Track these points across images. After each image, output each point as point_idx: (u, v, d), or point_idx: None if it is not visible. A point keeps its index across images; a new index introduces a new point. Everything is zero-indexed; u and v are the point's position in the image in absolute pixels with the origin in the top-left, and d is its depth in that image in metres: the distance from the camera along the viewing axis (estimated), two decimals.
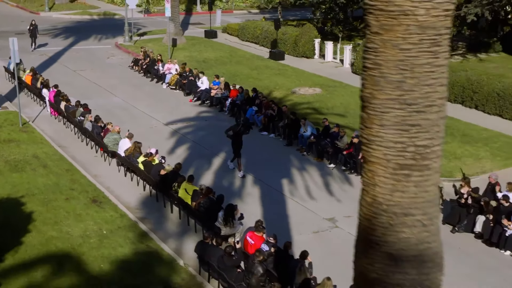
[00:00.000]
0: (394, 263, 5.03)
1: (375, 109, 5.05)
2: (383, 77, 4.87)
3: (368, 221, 5.24)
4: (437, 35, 4.70)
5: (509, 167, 21.02)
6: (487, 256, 15.91)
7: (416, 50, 4.67)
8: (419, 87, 4.80)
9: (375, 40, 4.95)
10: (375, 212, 5.16)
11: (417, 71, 4.74)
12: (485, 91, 26.26)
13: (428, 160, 5.03)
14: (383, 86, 4.89)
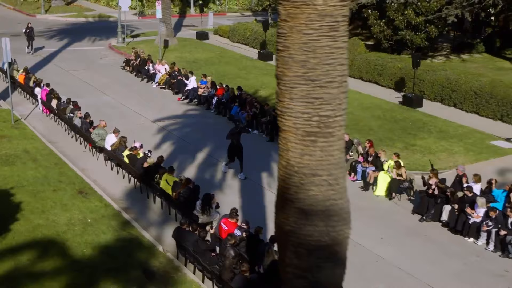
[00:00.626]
0: (305, 217, 5.86)
1: (286, 85, 5.88)
2: (291, 57, 5.70)
3: (283, 181, 6.08)
4: (335, 22, 5.52)
5: (481, 161, 21.91)
6: (451, 243, 16.76)
7: (316, 34, 5.50)
8: (320, 66, 5.64)
9: (284, 26, 5.80)
10: (289, 173, 6.00)
11: (318, 52, 5.57)
12: (463, 90, 27.14)
13: (331, 128, 5.86)
14: (291, 65, 5.73)
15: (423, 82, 28.75)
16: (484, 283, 14.87)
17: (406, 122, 25.76)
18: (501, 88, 26.05)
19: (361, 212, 18.35)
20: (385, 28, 33.69)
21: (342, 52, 5.70)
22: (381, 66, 31.05)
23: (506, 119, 25.56)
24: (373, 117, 26.40)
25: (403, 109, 27.56)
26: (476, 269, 15.50)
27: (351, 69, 32.65)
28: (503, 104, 25.62)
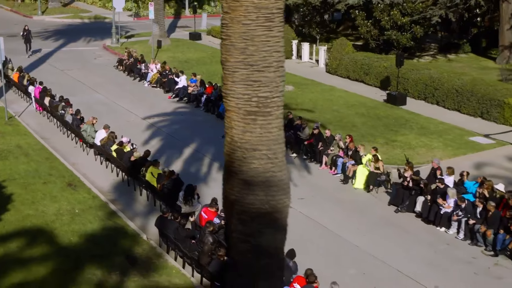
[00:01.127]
0: (247, 187, 6.57)
1: (228, 70, 6.61)
2: (232, 45, 6.42)
3: (228, 156, 6.80)
4: (270, 13, 6.23)
5: (458, 156, 22.65)
6: (424, 232, 17.48)
7: (254, 24, 6.20)
8: (258, 52, 6.35)
9: (226, 18, 6.52)
10: (233, 148, 6.72)
11: (256, 40, 6.28)
12: (445, 88, 27.89)
13: (270, 108, 6.57)
14: (233, 52, 6.45)
15: (407, 81, 29.49)
16: (452, 269, 15.58)
17: (389, 119, 26.50)
18: (482, 86, 26.80)
19: (340, 204, 19.15)
20: (372, 28, 34.47)
21: (277, 41, 6.42)
22: (368, 66, 31.80)
23: (486, 116, 26.30)
24: (357, 114, 27.14)
25: (387, 106, 28.30)
26: (446, 256, 16.21)
27: (339, 68, 33.50)
28: (483, 102, 26.35)
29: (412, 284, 14.92)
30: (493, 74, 31.83)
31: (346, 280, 14.63)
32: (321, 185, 20.53)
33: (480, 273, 15.43)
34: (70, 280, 14.31)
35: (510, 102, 25.43)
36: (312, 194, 19.72)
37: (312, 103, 28.68)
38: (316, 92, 30.66)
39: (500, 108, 25.76)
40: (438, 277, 15.16)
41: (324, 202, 19.21)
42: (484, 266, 15.75)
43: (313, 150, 22.29)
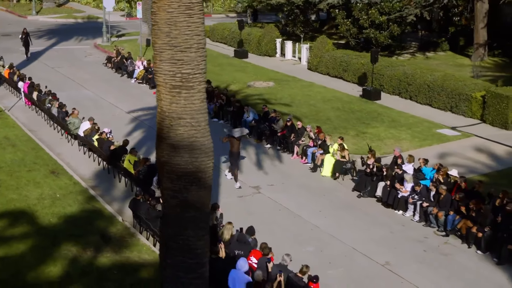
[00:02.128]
0: (174, 151, 7.72)
1: (157, 50, 7.77)
2: (159, 29, 7.57)
3: (159, 124, 7.95)
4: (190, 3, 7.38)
5: (424, 147, 23.85)
6: (382, 215, 18.67)
7: (176, 12, 7.34)
8: (180, 36, 7.50)
9: (154, 6, 7.69)
10: (162, 117, 7.88)
11: (178, 25, 7.42)
12: (417, 83, 29.08)
13: (192, 82, 7.73)
14: (160, 35, 7.60)
15: (382, 77, 30.70)
16: (404, 247, 16.76)
17: (362, 113, 27.70)
18: (452, 81, 27.99)
19: (307, 190, 20.34)
20: (351, 27, 35.70)
21: (197, 26, 7.58)
22: (346, 63, 33.00)
23: (455, 110, 27.49)
24: (332, 108, 28.34)
25: (362, 101, 29.51)
26: (399, 236, 17.41)
27: (319, 65, 34.70)
28: (453, 96, 27.55)
29: (365, 259, 16.10)
30: (467, 71, 33.04)
31: (304, 257, 15.77)
32: (291, 173, 21.71)
33: (429, 251, 16.61)
34: (47, 255, 15.51)
35: (477, 97, 26.62)
36: (282, 181, 20.91)
37: (291, 98, 29.89)
38: (295, 88, 31.85)
39: (468, 102, 26.95)
40: (390, 254, 16.34)
41: (292, 188, 20.39)
42: (434, 244, 16.93)
43: (286, 141, 23.48)
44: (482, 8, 34.32)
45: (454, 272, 15.62)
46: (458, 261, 16.19)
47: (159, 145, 7.92)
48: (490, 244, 16.38)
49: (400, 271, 15.58)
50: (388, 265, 15.84)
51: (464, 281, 15.22)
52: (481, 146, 23.98)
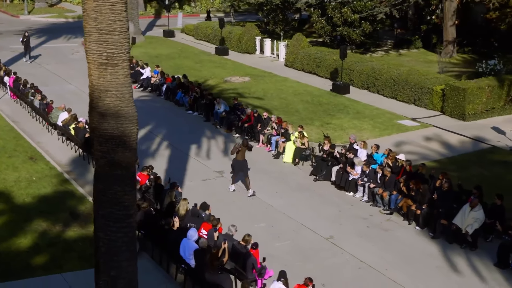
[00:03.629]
0: (102, 118, 9.16)
1: (87, 33, 9.17)
2: (88, 15, 8.98)
3: (90, 95, 9.37)
4: None
5: (383, 136, 25.33)
6: (334, 196, 20.13)
7: (101, 1, 8.75)
8: (105, 21, 8.90)
9: None
10: (92, 90, 9.30)
11: (103, 12, 8.82)
12: (384, 78, 30.57)
13: (116, 60, 9.15)
14: (88, 20, 9.01)
15: (352, 72, 32.18)
16: (349, 224, 18.23)
17: (330, 105, 29.19)
18: (415, 76, 29.47)
19: (267, 175, 21.79)
20: (325, 25, 37.19)
21: (120, 13, 9.00)
22: (319, 59, 34.48)
23: (418, 102, 28.97)
24: (301, 101, 29.82)
25: (331, 95, 30.98)
26: (347, 214, 18.88)
27: (295, 62, 36.16)
28: (416, 90, 29.03)
29: (311, 234, 17.58)
30: (435, 67, 34.49)
31: (256, 231, 17.19)
32: (255, 159, 23.11)
33: (371, 227, 18.09)
34: (19, 229, 17.01)
35: (437, 90, 28.10)
36: None
37: (264, 92, 31.37)
38: (270, 82, 33.34)
39: (429, 95, 28.43)
40: (335, 229, 17.81)
41: (254, 173, 21.74)
42: (377, 221, 18.41)
43: (253, 131, 24.96)
44: (450, 7, 35.79)
45: (391, 245, 17.10)
46: (397, 235, 17.66)
47: (90, 113, 9.37)
48: (427, 220, 17.85)
49: (342, 243, 17.06)
50: (332, 239, 17.32)
51: (399, 252, 16.69)
52: (437, 136, 25.46)
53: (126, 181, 9.35)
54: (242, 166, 20.03)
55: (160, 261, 16.04)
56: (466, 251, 16.73)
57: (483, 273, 15.76)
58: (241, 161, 19.98)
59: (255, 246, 14.78)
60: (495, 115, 27.58)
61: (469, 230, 16.79)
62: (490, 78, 28.42)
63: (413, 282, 15.25)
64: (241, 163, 20.01)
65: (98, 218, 9.54)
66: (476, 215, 16.84)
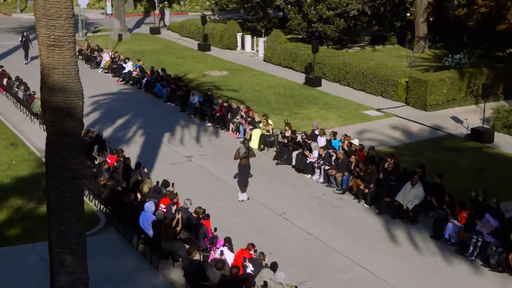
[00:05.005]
0: (51, 92, 10.61)
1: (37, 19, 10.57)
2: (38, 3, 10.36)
3: (41, 73, 10.78)
4: None
5: (347, 125, 26.80)
6: (293, 178, 21.61)
7: None
8: (52, 8, 10.33)
9: None
10: (42, 68, 10.74)
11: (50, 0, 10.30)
12: (354, 71, 32.05)
13: (62, 42, 10.59)
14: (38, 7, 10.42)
15: (325, 66, 33.66)
16: (303, 201, 19.71)
17: (301, 97, 30.67)
18: (383, 69, 30.97)
19: (233, 162, 23.11)
20: (302, 21, 38.69)
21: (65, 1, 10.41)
22: (295, 54, 35.95)
23: (385, 94, 30.46)
24: (274, 93, 31.32)
25: (304, 88, 32.47)
26: (302, 194, 20.36)
27: (272, 57, 37.64)
28: (382, 82, 30.52)
29: (266, 210, 19.07)
30: (406, 62, 35.94)
31: (216, 208, 18.68)
32: (223, 146, 24.63)
33: (323, 204, 19.58)
34: None
35: (402, 82, 29.59)
36: (213, 153, 23.87)
37: (239, 85, 32.87)
38: (246, 76, 34.84)
39: (394, 87, 29.92)
40: (289, 207, 19.28)
41: (221, 158, 23.29)
42: (329, 200, 19.90)
43: (223, 120, 26.45)
44: (421, 4, 37.27)
45: (339, 220, 18.59)
46: (346, 212, 19.16)
47: (41, 88, 10.83)
48: (374, 198, 19.34)
49: (293, 219, 18.55)
50: (285, 215, 18.81)
51: (345, 226, 18.17)
52: (398, 124, 26.95)
53: (73, 147, 10.80)
54: (243, 170, 19.83)
55: (124, 234, 17.54)
56: (407, 225, 18.23)
57: (419, 243, 17.25)
58: (244, 165, 19.81)
59: (207, 217, 16.28)
60: (456, 105, 29.07)
61: (410, 206, 18.29)
62: (452, 70, 29.90)
63: (351, 250, 16.74)
64: (244, 167, 19.82)
65: (49, 180, 11.00)
66: (416, 192, 18.34)
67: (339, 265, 16.16)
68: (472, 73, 29.37)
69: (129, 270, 15.82)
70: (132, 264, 16.18)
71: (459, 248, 16.80)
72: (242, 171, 19.86)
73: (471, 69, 29.91)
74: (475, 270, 15.99)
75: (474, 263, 16.24)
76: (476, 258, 16.33)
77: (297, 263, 16.02)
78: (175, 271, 15.76)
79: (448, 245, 17.09)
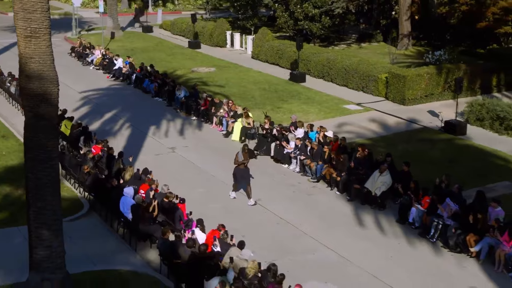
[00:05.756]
0: (28, 79, 11.57)
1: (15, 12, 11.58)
2: None
3: (19, 62, 11.76)
4: None
5: (327, 119, 27.77)
6: (271, 168, 22.58)
7: None
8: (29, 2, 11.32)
9: None
10: (20, 57, 11.71)
11: None
12: (337, 67, 33.03)
13: (38, 34, 11.56)
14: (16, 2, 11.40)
15: (310, 62, 34.64)
16: (278, 189, 20.68)
17: (284, 92, 31.67)
18: (364, 65, 31.95)
19: (215, 151, 24.23)
20: (289, 19, 39.70)
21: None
22: (281, 51, 36.95)
23: (366, 89, 31.44)
24: (259, 89, 32.32)
25: (288, 83, 33.45)
26: (279, 182, 21.33)
27: (260, 54, 38.62)
28: (364, 78, 31.50)
29: (242, 197, 19.99)
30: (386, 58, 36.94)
31: (194, 195, 19.67)
32: (206, 138, 25.64)
33: (297, 192, 20.56)
34: None
35: (382, 77, 30.58)
36: (196, 144, 24.86)
37: (226, 81, 33.87)
38: (233, 73, 35.84)
39: (375, 83, 30.91)
40: (264, 194, 20.22)
41: (203, 149, 24.30)
42: (304, 188, 20.87)
43: (207, 114, 27.43)
44: (405, 2, 38.26)
45: (311, 206, 19.56)
46: (319, 199, 20.14)
47: (20, 76, 11.81)
48: (345, 185, 20.32)
49: (267, 205, 19.53)
50: (260, 201, 19.77)
51: (317, 212, 19.15)
52: (376, 118, 27.93)
53: (49, 130, 11.79)
54: (243, 174, 19.77)
55: (106, 218, 18.53)
56: (375, 210, 19.21)
57: (384, 227, 18.24)
58: (242, 169, 19.79)
59: (182, 201, 17.27)
60: (433, 100, 30.07)
61: (378, 192, 19.28)
62: (430, 66, 30.90)
63: (320, 234, 17.71)
64: (243, 172, 19.78)
65: (27, 161, 11.98)
66: (383, 179, 19.33)
67: (307, 246, 17.14)
68: (450, 69, 30.36)
69: (108, 251, 16.78)
70: (112, 246, 17.16)
71: (422, 231, 17.78)
72: (239, 176, 19.75)
73: (449, 65, 30.89)
74: (435, 251, 16.97)
75: (435, 244, 17.22)
76: (437, 240, 17.31)
77: (267, 245, 16.98)
78: (152, 252, 16.74)
79: (412, 228, 18.08)
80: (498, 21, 35.50)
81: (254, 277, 13.83)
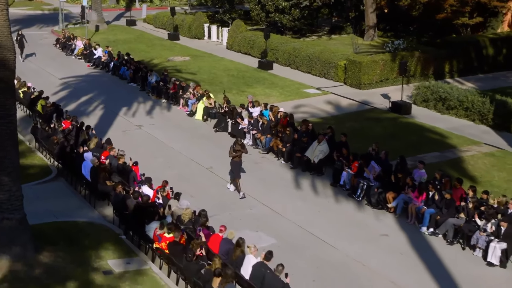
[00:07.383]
0: None
1: None
2: None
3: None
4: None
5: (287, 101, 30.00)
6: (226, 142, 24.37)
7: None
8: None
9: None
10: None
11: None
12: (301, 56, 35.28)
13: None
14: None
15: (277, 51, 36.89)
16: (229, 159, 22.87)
17: (251, 78, 33.93)
18: (327, 53, 34.21)
19: (179, 128, 26.48)
20: (261, 11, 41.96)
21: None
22: (253, 41, 39.20)
23: (327, 76, 33.69)
24: (228, 75, 34.58)
25: (256, 71, 35.70)
26: None
27: (234, 44, 40.87)
28: (325, 65, 33.75)
29: (196, 165, 22.27)
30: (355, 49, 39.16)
31: (153, 164, 21.92)
32: (172, 118, 27.90)
33: (246, 161, 22.46)
34: None
35: (341, 64, 32.83)
36: (162, 123, 27.12)
37: (198, 68, 36.14)
38: (206, 62, 38.11)
39: (335, 69, 33.17)
40: (216, 163, 22.35)
41: (168, 127, 26.55)
42: (254, 158, 23.03)
43: (176, 96, 29.71)
44: None
45: (257, 173, 21.80)
46: (265, 167, 22.40)
47: None
48: (289, 155, 22.58)
49: (217, 171, 21.77)
50: (211, 169, 22.04)
51: (261, 178, 21.40)
52: (332, 100, 30.19)
53: (6, 92, 14.05)
54: (235, 166, 20.09)
55: (71, 183, 20.79)
56: (313, 176, 21.47)
57: (319, 189, 20.52)
58: (236, 161, 20.08)
59: (135, 164, 19.55)
60: (388, 85, 32.32)
61: (316, 160, 21.54)
62: (386, 54, 33.15)
63: (260, 195, 19.97)
64: (235, 164, 20.08)
65: None
66: (321, 148, 21.59)
67: (246, 204, 19.42)
68: (404, 56, 32.60)
69: (70, 208, 19.03)
70: (74, 204, 19.42)
71: (351, 192, 20.06)
72: (233, 167, 20.15)
73: (404, 53, 33.13)
74: (358, 207, 19.25)
75: (360, 203, 19.51)
76: (362, 199, 19.60)
77: (212, 203, 19.18)
78: (108, 208, 18.99)
79: (343, 190, 20.35)
80: (456, 13, 37.70)
81: (188, 222, 16.10)
